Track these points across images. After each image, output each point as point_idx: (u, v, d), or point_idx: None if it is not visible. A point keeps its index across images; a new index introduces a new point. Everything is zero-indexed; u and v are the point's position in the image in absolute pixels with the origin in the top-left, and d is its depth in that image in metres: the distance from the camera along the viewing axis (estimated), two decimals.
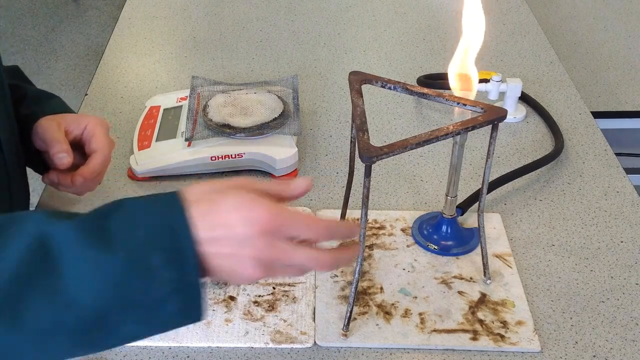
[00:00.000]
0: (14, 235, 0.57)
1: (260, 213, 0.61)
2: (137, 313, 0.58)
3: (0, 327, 0.55)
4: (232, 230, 0.60)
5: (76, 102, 1.29)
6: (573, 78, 1.34)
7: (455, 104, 0.79)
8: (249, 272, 0.62)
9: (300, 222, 0.63)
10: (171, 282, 0.58)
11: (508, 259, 0.90)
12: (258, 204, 0.61)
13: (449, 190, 0.90)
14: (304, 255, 0.63)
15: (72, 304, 0.56)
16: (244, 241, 0.61)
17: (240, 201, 0.61)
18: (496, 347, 0.79)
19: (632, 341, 0.81)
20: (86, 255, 0.57)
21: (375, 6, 1.57)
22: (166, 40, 1.44)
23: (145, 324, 0.60)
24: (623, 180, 1.05)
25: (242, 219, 0.60)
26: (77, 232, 0.58)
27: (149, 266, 0.57)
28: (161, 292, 0.58)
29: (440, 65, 1.34)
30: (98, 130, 0.89)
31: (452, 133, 0.74)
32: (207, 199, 0.61)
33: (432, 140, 0.73)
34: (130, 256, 0.57)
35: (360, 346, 0.80)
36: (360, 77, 0.80)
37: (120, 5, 1.60)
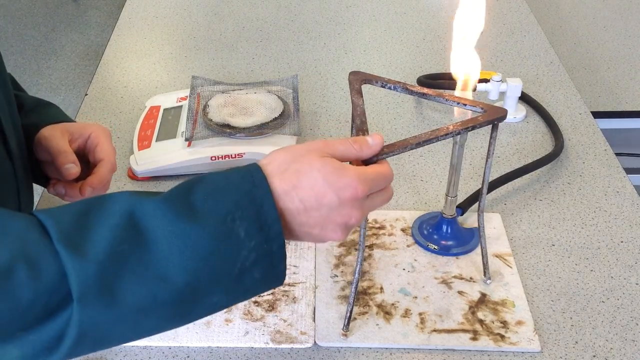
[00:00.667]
0: (103, 216, 0.58)
1: (348, 181, 0.63)
2: (224, 283, 0.60)
3: (99, 305, 0.56)
4: (322, 200, 0.62)
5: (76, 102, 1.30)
6: (573, 78, 1.34)
7: (455, 104, 0.79)
8: (336, 236, 0.65)
9: (379, 181, 0.66)
10: (257, 250, 0.60)
11: (508, 259, 0.90)
12: (345, 172, 0.63)
13: (449, 190, 0.90)
14: (380, 202, 0.67)
15: (164, 278, 0.57)
16: (332, 211, 0.63)
17: (326, 171, 0.63)
18: (496, 347, 0.79)
19: (632, 341, 0.81)
20: (174, 229, 0.58)
21: (375, 6, 1.57)
22: (166, 40, 1.44)
23: (232, 292, 0.62)
24: (623, 180, 1.05)
25: (331, 190, 0.62)
26: (164, 207, 0.59)
27: (235, 236, 0.59)
28: (247, 260, 0.60)
29: (440, 65, 1.34)
30: (102, 139, 0.88)
31: (452, 133, 0.74)
32: (292, 171, 0.62)
33: (432, 140, 0.73)
34: (217, 227, 0.58)
35: (360, 346, 0.80)
36: (360, 77, 0.80)
37: (120, 5, 1.60)
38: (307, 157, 0.63)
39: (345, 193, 0.63)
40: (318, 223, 0.63)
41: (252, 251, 0.60)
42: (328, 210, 0.63)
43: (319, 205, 0.62)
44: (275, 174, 0.62)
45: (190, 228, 0.58)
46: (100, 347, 0.61)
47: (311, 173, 0.62)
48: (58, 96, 2.95)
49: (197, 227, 0.58)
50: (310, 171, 0.62)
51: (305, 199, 0.62)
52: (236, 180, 0.61)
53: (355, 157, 0.67)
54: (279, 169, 0.62)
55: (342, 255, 0.90)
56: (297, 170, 0.62)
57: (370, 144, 0.68)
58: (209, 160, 1.03)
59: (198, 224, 0.58)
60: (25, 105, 0.92)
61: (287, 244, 0.63)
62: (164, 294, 0.58)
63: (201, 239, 0.58)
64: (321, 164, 0.63)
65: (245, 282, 0.61)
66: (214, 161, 1.03)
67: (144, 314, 0.58)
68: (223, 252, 0.59)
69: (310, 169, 0.62)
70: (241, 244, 0.59)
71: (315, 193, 0.62)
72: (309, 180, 0.62)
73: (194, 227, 0.58)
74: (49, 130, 0.87)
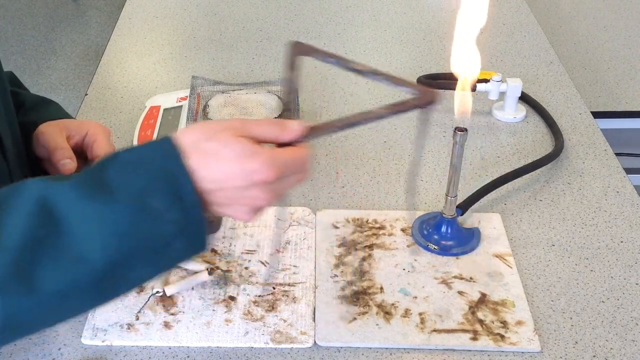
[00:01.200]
0: (16, 203, 0.58)
1: (258, 165, 0.62)
2: (146, 257, 0.60)
3: (16, 294, 0.56)
4: (230, 182, 0.62)
5: (76, 102, 1.29)
6: (573, 78, 1.34)
7: (388, 82, 0.75)
8: (245, 217, 0.65)
9: (293, 165, 0.65)
10: (176, 222, 0.60)
11: (508, 259, 0.90)
12: (256, 155, 0.62)
13: (449, 190, 0.90)
14: (292, 184, 0.66)
15: (82, 260, 0.57)
16: (241, 192, 0.62)
17: (238, 152, 0.61)
18: (496, 347, 0.79)
19: (632, 341, 0.81)
20: (89, 210, 0.58)
21: (375, 6, 1.57)
22: (166, 40, 1.44)
23: (155, 265, 0.62)
24: (623, 180, 1.05)
25: (241, 172, 0.61)
26: (77, 189, 0.58)
27: (152, 210, 0.59)
28: (167, 232, 0.60)
29: (440, 65, 1.34)
30: (100, 136, 0.88)
31: (382, 116, 0.70)
32: (204, 149, 0.61)
33: (358, 123, 0.69)
34: (132, 203, 0.58)
35: (360, 346, 0.80)
36: (298, 49, 0.75)
37: (120, 5, 1.60)
38: (221, 135, 0.62)
39: (254, 176, 0.62)
40: (226, 203, 0.63)
41: (171, 223, 0.60)
42: (236, 191, 0.62)
43: (228, 186, 0.62)
44: (187, 150, 0.61)
45: (105, 207, 0.58)
46: (28, 333, 0.62)
47: (222, 152, 0.61)
48: (58, 96, 2.95)
49: (112, 205, 0.58)
50: (222, 151, 0.61)
51: (213, 179, 0.61)
52: (149, 154, 0.61)
53: (274, 140, 0.66)
54: (192, 145, 0.61)
55: (342, 255, 0.90)
56: (208, 149, 0.61)
57: (293, 127, 0.66)
58: None
59: (113, 202, 0.58)
60: (26, 103, 0.92)
61: None
62: (84, 275, 0.58)
63: (117, 217, 0.58)
64: (233, 145, 0.62)
65: (168, 254, 0.61)
66: None
67: (66, 297, 0.58)
68: (142, 227, 0.59)
69: (222, 148, 0.61)
70: (159, 217, 0.59)
71: (224, 174, 0.61)
72: (218, 160, 0.61)
73: (108, 205, 0.58)
74: (47, 127, 0.87)
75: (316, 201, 1.00)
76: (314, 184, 1.03)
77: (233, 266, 0.88)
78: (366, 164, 1.08)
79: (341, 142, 1.12)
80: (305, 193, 1.02)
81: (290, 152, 0.65)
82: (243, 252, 0.91)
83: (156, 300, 0.84)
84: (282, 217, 0.75)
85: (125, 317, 0.82)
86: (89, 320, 0.81)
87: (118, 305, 0.83)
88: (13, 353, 0.78)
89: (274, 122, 0.66)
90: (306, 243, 0.92)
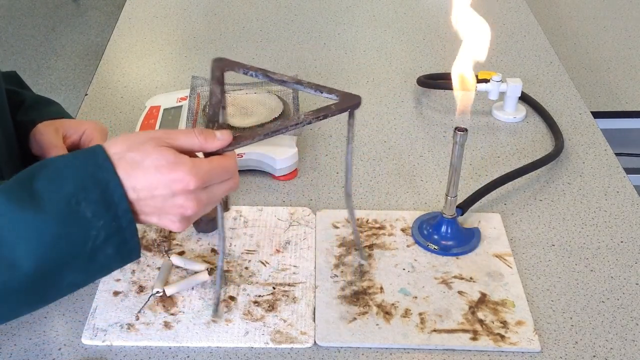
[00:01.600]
0: None
1: (180, 175, 0.63)
2: (76, 264, 0.61)
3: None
4: (154, 192, 0.63)
5: (76, 102, 1.30)
6: (573, 78, 1.34)
7: (312, 91, 0.78)
8: (174, 226, 0.66)
9: (217, 173, 0.66)
10: (106, 228, 0.61)
11: (508, 259, 0.90)
12: (177, 165, 0.63)
13: (449, 190, 0.90)
14: (222, 192, 0.67)
15: (12, 267, 0.59)
16: (165, 201, 0.63)
17: (160, 162, 0.63)
18: (496, 347, 0.79)
19: (632, 341, 0.81)
20: (17, 218, 0.59)
21: (375, 6, 1.57)
22: (166, 40, 1.44)
23: (86, 271, 0.63)
24: (623, 180, 1.05)
25: (163, 181, 0.63)
26: (5, 197, 0.60)
27: (81, 217, 0.60)
28: (97, 239, 0.61)
29: (440, 65, 1.34)
30: (96, 136, 0.89)
31: (303, 122, 0.72)
32: (128, 159, 0.62)
33: (281, 130, 0.71)
34: (61, 212, 0.59)
35: (360, 346, 0.80)
36: (223, 64, 0.78)
37: (120, 5, 1.60)
38: (144, 146, 0.63)
39: (176, 185, 0.63)
40: (154, 212, 0.64)
41: (101, 230, 0.61)
42: (161, 200, 0.63)
43: (151, 195, 0.63)
44: (113, 160, 0.62)
45: (32, 215, 0.59)
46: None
47: (144, 163, 0.62)
48: (58, 96, 2.95)
49: (39, 214, 0.59)
50: (144, 161, 0.63)
51: (138, 189, 0.62)
52: (78, 163, 0.62)
53: (199, 149, 0.67)
54: (117, 156, 0.63)
55: (342, 255, 0.90)
56: (131, 159, 0.62)
57: (218, 137, 0.67)
58: None
59: (40, 211, 0.59)
60: (26, 102, 0.93)
61: None
62: (13, 281, 0.59)
63: (45, 225, 0.59)
64: (156, 155, 0.63)
65: (99, 260, 0.62)
66: None
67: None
68: (70, 234, 0.60)
69: (144, 158, 0.63)
70: (89, 225, 0.60)
71: (147, 183, 0.62)
72: (142, 170, 0.62)
73: (36, 214, 0.59)
74: (44, 126, 0.88)
75: (316, 201, 1.00)
76: (314, 184, 1.03)
77: (233, 266, 0.88)
78: (366, 164, 1.08)
79: (341, 142, 1.12)
80: (305, 193, 1.02)
81: (214, 160, 0.66)
82: (243, 252, 0.91)
83: (156, 300, 0.84)
84: None
85: (125, 317, 0.82)
86: (89, 320, 0.81)
87: (118, 305, 0.83)
88: (13, 353, 0.78)
89: (198, 132, 0.67)
90: (306, 243, 0.92)
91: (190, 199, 0.64)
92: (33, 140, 0.87)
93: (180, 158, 0.64)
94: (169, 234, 0.93)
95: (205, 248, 0.91)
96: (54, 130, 0.87)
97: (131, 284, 0.86)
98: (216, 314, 0.81)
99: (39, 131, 0.87)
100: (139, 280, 0.86)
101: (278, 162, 1.02)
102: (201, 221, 0.92)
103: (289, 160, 1.03)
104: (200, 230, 0.93)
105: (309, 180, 1.04)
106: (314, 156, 1.09)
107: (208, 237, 0.92)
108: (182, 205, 0.64)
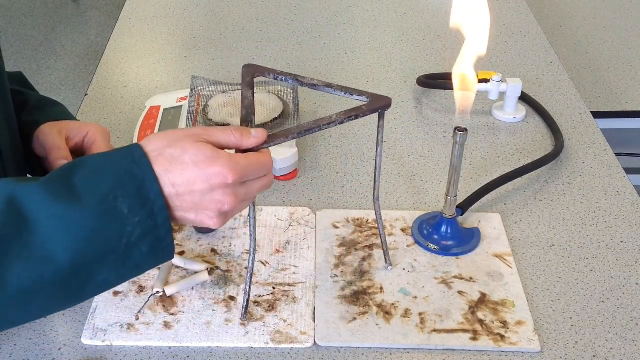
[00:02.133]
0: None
1: (219, 169, 0.64)
2: (111, 260, 0.61)
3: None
4: (192, 187, 0.63)
5: (76, 102, 1.30)
6: (573, 78, 1.34)
7: (342, 93, 0.80)
8: (212, 222, 0.66)
9: (254, 169, 0.67)
10: (142, 225, 0.61)
11: (508, 259, 0.90)
12: (216, 159, 0.64)
13: (449, 190, 0.90)
14: (258, 188, 0.68)
15: (48, 260, 0.59)
16: (204, 196, 0.64)
17: (199, 157, 0.64)
18: (496, 347, 0.79)
19: (632, 341, 0.81)
20: (56, 211, 0.59)
21: (375, 6, 1.57)
22: (166, 40, 1.44)
23: (120, 269, 0.63)
24: (623, 180, 1.05)
25: (201, 176, 0.63)
26: (44, 190, 0.60)
27: (118, 213, 0.60)
28: (132, 236, 0.61)
29: (440, 65, 1.34)
30: (99, 137, 0.89)
31: (335, 122, 0.75)
32: (167, 155, 0.63)
33: (314, 129, 0.73)
34: (98, 206, 0.60)
35: (360, 346, 0.80)
36: (252, 70, 0.81)
37: (120, 5, 1.60)
38: (182, 143, 0.64)
39: (215, 180, 0.64)
40: (192, 208, 0.65)
41: (137, 226, 0.61)
42: (200, 195, 0.64)
43: (190, 190, 0.64)
44: (151, 156, 0.63)
45: (71, 209, 0.59)
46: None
47: (183, 158, 0.63)
48: (58, 96, 2.94)
49: (78, 207, 0.60)
50: (182, 156, 0.63)
51: (177, 184, 0.63)
52: (116, 159, 0.63)
53: (236, 146, 0.68)
54: (156, 152, 0.63)
55: (342, 255, 0.90)
56: (170, 155, 0.63)
57: (253, 134, 0.69)
58: None
59: (78, 205, 0.60)
60: (30, 102, 0.93)
61: None
62: (50, 274, 0.60)
63: (83, 219, 0.60)
64: (194, 150, 0.64)
65: (134, 258, 0.62)
66: None
67: (32, 295, 0.60)
68: (107, 229, 0.60)
69: (183, 154, 0.64)
70: (125, 220, 0.61)
71: (186, 178, 0.63)
72: (180, 165, 0.63)
73: (74, 207, 0.59)
74: (48, 127, 0.88)
75: (316, 201, 1.00)
76: (314, 184, 1.03)
77: (233, 266, 0.88)
78: (366, 164, 1.08)
79: (341, 142, 1.12)
80: (305, 193, 1.02)
81: (250, 156, 0.67)
82: (243, 252, 0.91)
83: (156, 300, 0.84)
84: None
85: (125, 317, 0.82)
86: (89, 320, 0.81)
87: (118, 305, 0.83)
88: (13, 353, 0.78)
89: (235, 129, 0.68)
90: (306, 243, 0.92)
91: (228, 193, 0.65)
92: (36, 141, 0.87)
93: (218, 153, 0.65)
94: None
95: (205, 248, 0.91)
96: (57, 131, 0.88)
97: (131, 284, 0.86)
98: (245, 317, 0.81)
99: (43, 132, 0.87)
100: (138, 280, 0.86)
101: (278, 162, 1.02)
102: None
103: (289, 160, 1.03)
104: (200, 231, 0.93)
105: (309, 180, 1.04)
106: (314, 156, 1.09)
107: (208, 237, 0.93)
108: (220, 200, 0.65)
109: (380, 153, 0.82)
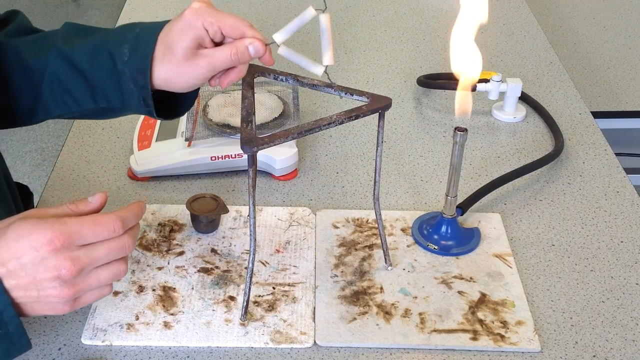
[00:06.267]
0: None
1: (42, 234, 0.61)
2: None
3: None
4: (22, 259, 0.61)
5: None
6: (573, 78, 1.34)
7: (343, 94, 0.80)
8: (57, 292, 0.62)
9: (88, 228, 0.63)
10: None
11: (508, 259, 0.90)
12: (38, 226, 0.61)
13: (449, 190, 0.90)
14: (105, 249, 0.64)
15: None
16: (37, 267, 0.61)
17: (22, 228, 0.61)
18: (496, 347, 0.79)
19: (632, 341, 0.81)
20: None
21: (375, 6, 1.57)
22: None
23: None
24: (623, 180, 1.05)
25: (27, 245, 0.61)
26: None
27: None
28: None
29: (440, 65, 1.34)
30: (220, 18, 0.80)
31: (335, 122, 0.75)
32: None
33: (314, 130, 0.73)
34: None
35: (360, 346, 0.80)
36: (252, 70, 0.80)
37: (120, 5, 1.60)
38: (8, 221, 0.63)
39: (42, 246, 0.61)
40: (30, 283, 0.62)
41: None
42: (32, 267, 0.61)
43: (20, 265, 0.61)
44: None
45: None
46: None
47: (6, 234, 0.61)
48: None
49: None
50: (6, 232, 0.62)
51: (5, 260, 0.61)
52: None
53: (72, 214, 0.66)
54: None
55: (342, 255, 0.90)
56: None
57: (90, 201, 0.67)
58: (209, 160, 1.02)
59: None
60: None
61: None
62: None
63: None
64: (17, 223, 0.62)
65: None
66: (214, 161, 1.02)
67: None
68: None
69: (6, 230, 0.62)
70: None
71: (12, 253, 0.61)
72: (5, 241, 0.61)
73: None
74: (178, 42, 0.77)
75: (316, 201, 1.00)
76: (314, 184, 1.03)
77: (233, 266, 0.88)
78: (366, 164, 1.08)
79: (341, 142, 1.12)
80: (305, 193, 1.02)
81: (84, 218, 0.64)
82: (243, 252, 0.90)
83: (156, 300, 0.84)
84: None
85: (125, 317, 0.82)
86: (89, 320, 0.81)
87: (118, 305, 0.83)
88: None
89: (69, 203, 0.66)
90: (306, 243, 0.92)
91: (63, 258, 0.61)
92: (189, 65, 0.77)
93: (44, 219, 0.62)
94: (168, 233, 0.93)
95: (205, 248, 0.91)
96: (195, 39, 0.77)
97: (131, 284, 0.86)
98: (245, 317, 0.81)
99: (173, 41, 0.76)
100: (138, 280, 0.86)
101: (278, 162, 1.02)
102: (201, 222, 0.92)
103: (289, 160, 1.03)
104: (200, 231, 0.93)
105: (309, 180, 1.04)
106: (314, 156, 1.09)
107: (208, 237, 0.92)
108: (56, 266, 0.61)
109: (381, 153, 0.82)
